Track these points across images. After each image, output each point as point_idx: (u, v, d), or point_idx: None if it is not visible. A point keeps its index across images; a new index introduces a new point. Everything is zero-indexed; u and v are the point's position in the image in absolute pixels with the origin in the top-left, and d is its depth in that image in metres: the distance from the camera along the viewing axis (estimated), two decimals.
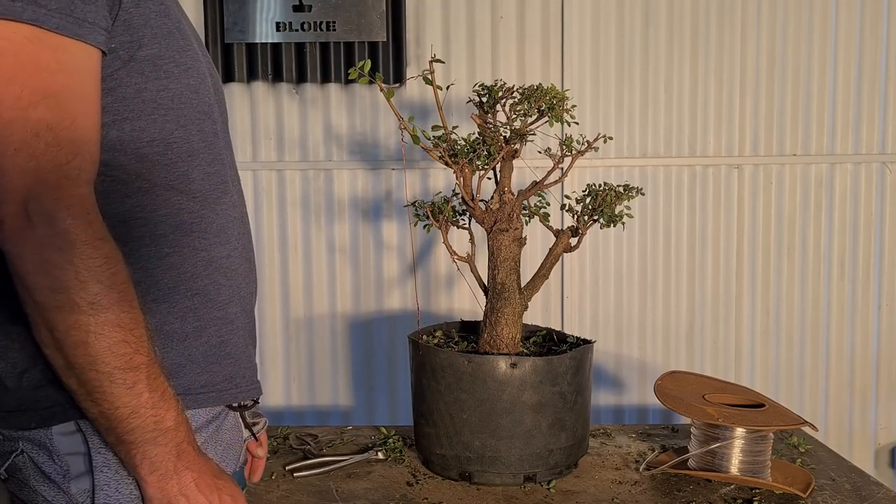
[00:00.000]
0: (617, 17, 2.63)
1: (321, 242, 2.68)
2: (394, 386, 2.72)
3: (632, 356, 2.74)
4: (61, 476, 0.89)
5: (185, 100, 0.95)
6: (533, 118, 1.58)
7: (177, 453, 0.88)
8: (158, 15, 0.92)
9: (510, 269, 1.59)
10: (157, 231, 0.92)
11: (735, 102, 2.67)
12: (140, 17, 0.89)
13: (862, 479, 1.57)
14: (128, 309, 0.83)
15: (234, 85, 2.57)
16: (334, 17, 2.54)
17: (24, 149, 0.78)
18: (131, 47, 0.89)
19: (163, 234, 0.92)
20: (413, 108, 2.57)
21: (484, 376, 1.51)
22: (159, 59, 0.91)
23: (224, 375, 0.99)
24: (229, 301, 1.00)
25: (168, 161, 0.93)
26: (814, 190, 2.71)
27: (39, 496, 0.91)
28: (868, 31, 2.66)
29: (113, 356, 0.82)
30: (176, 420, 0.87)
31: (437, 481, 1.58)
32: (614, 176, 2.65)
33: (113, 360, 0.82)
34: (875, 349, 2.76)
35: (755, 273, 2.73)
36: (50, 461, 0.89)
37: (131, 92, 0.90)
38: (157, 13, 0.92)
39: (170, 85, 0.93)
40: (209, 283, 0.97)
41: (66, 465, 0.89)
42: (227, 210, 1.01)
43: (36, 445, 0.89)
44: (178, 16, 0.98)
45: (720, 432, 1.53)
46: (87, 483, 0.89)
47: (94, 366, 0.81)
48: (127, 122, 0.90)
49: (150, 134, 0.91)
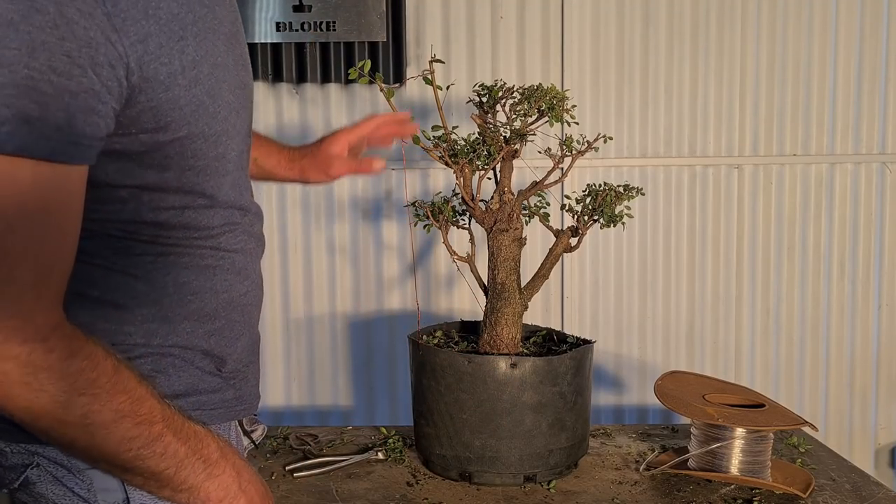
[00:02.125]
0: (617, 17, 2.63)
1: (321, 242, 2.68)
2: (394, 386, 2.72)
3: (632, 356, 2.74)
4: (86, 490, 0.87)
5: (211, 171, 0.89)
6: (533, 118, 1.58)
7: (237, 473, 0.87)
8: (190, 86, 0.81)
9: (510, 269, 1.59)
10: (180, 279, 0.90)
11: (735, 102, 2.67)
12: (170, 100, 0.79)
13: (862, 479, 1.57)
14: (122, 395, 0.77)
15: None
16: (334, 17, 2.54)
17: None
18: (155, 133, 0.80)
19: (185, 281, 0.90)
20: (413, 108, 2.57)
21: (484, 376, 1.51)
22: (189, 138, 0.83)
23: (234, 395, 0.99)
24: (240, 335, 0.99)
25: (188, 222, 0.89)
26: (814, 190, 2.71)
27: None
28: (868, 31, 2.65)
29: (130, 441, 0.78)
30: (219, 447, 0.86)
31: (437, 481, 1.58)
32: (614, 176, 2.65)
33: (132, 444, 0.78)
34: (875, 349, 2.76)
35: (755, 273, 2.73)
36: (70, 475, 0.87)
37: (152, 175, 0.83)
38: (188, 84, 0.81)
39: (197, 164, 0.86)
40: (225, 322, 0.96)
41: (89, 480, 0.87)
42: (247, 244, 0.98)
43: (52, 461, 0.87)
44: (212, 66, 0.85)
45: (720, 432, 1.53)
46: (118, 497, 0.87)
47: (116, 457, 0.78)
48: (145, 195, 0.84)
49: (170, 202, 0.86)
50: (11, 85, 0.67)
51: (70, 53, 0.70)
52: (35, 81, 0.68)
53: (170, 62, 0.78)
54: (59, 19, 0.69)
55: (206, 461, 0.85)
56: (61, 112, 0.70)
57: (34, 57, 0.68)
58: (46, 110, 0.69)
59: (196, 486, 0.84)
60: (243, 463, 0.91)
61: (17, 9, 0.67)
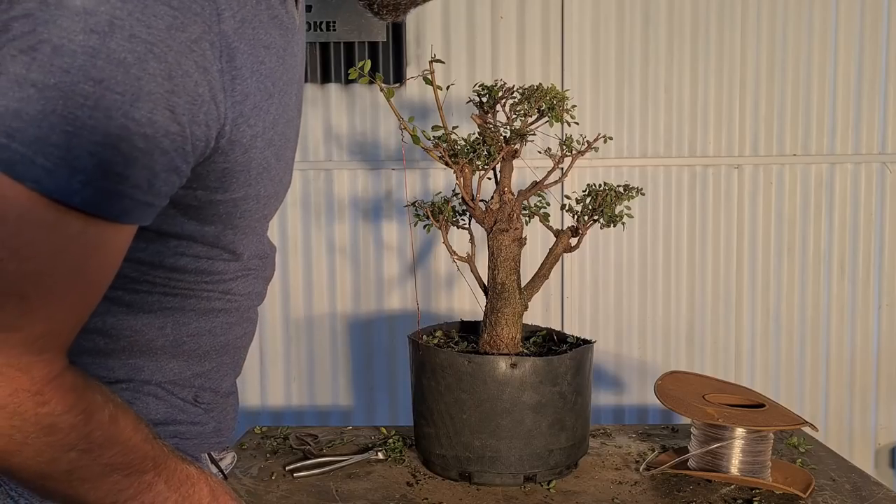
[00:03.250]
0: (617, 17, 2.63)
1: (321, 242, 2.68)
2: (394, 386, 2.72)
3: (632, 356, 2.74)
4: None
5: (250, 230, 0.84)
6: (533, 118, 1.57)
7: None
8: (264, 148, 0.75)
9: (510, 269, 1.59)
10: (181, 320, 0.84)
11: (735, 102, 2.67)
12: (244, 163, 0.73)
13: (862, 479, 1.57)
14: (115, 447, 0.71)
15: None
16: (334, 17, 2.54)
17: None
18: (215, 192, 0.75)
19: (186, 322, 0.85)
20: (413, 108, 2.56)
21: (484, 376, 1.51)
22: (242, 200, 0.77)
23: (213, 428, 0.95)
24: (227, 375, 0.95)
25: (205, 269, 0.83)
26: (814, 190, 2.71)
27: None
28: (868, 31, 2.65)
29: (120, 491, 0.73)
30: (211, 491, 0.82)
31: (437, 481, 1.58)
32: (614, 176, 2.65)
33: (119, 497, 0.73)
34: (875, 349, 2.76)
35: (755, 273, 2.73)
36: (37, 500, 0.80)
37: (191, 228, 0.77)
38: (263, 146, 0.75)
39: (241, 224, 0.81)
40: (215, 365, 0.91)
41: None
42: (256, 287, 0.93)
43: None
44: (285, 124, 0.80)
45: (720, 432, 1.53)
46: None
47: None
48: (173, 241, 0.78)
49: (196, 252, 0.80)
50: (103, 133, 0.60)
51: (174, 109, 0.63)
52: (130, 133, 0.61)
53: (255, 124, 0.73)
54: (176, 70, 0.62)
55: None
56: (146, 171, 0.64)
57: (136, 107, 0.61)
58: (132, 168, 0.62)
59: None
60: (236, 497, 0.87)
61: (133, 49, 0.60)
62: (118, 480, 0.73)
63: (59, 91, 0.59)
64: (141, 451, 0.74)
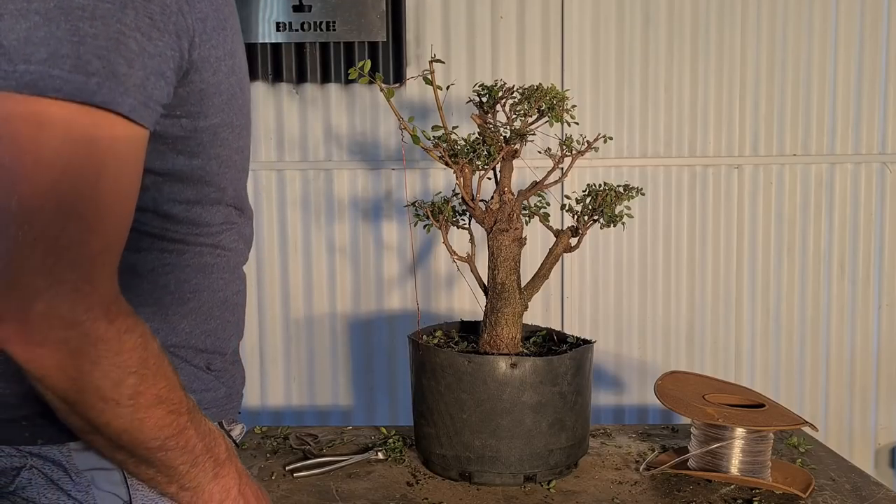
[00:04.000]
0: (617, 17, 2.63)
1: (321, 242, 2.68)
2: (394, 386, 2.72)
3: (632, 356, 2.74)
4: (83, 493, 0.85)
5: (230, 163, 0.91)
6: (533, 118, 1.58)
7: (238, 476, 0.88)
8: (229, 74, 0.84)
9: (510, 269, 1.59)
10: (181, 276, 0.89)
11: (735, 102, 2.67)
12: (214, 84, 0.82)
13: (862, 479, 1.57)
14: (164, 379, 0.77)
15: None
16: (334, 17, 2.54)
17: (43, 241, 0.67)
18: (197, 117, 0.82)
19: (186, 279, 0.90)
20: (413, 108, 2.57)
21: (484, 376, 1.51)
22: (220, 127, 0.85)
23: (225, 393, 0.99)
24: (232, 334, 1.00)
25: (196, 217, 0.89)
26: (814, 190, 2.71)
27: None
28: (868, 31, 2.65)
29: (160, 429, 0.77)
30: (228, 450, 0.87)
31: (437, 481, 1.58)
32: (614, 176, 2.65)
33: (161, 433, 0.77)
34: (875, 349, 2.76)
35: (755, 273, 2.73)
36: (67, 477, 0.84)
37: (181, 161, 0.84)
38: (228, 72, 0.84)
39: (222, 153, 0.88)
40: (219, 322, 0.96)
41: (87, 481, 0.85)
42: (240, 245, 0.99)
43: (48, 461, 0.84)
44: (241, 59, 0.90)
45: (720, 432, 1.53)
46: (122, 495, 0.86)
47: (145, 444, 0.77)
48: (167, 185, 0.84)
49: (186, 196, 0.86)
50: (105, 37, 0.69)
51: (152, 16, 0.72)
52: (124, 37, 0.70)
53: (217, 46, 0.81)
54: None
55: (215, 461, 0.84)
56: (141, 71, 0.72)
57: (125, 13, 0.70)
58: (131, 67, 0.71)
59: (202, 486, 0.84)
60: (243, 467, 0.91)
61: None
62: (163, 416, 0.77)
63: (59, 10, 0.68)
64: (180, 392, 0.79)
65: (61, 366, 0.70)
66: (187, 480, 0.83)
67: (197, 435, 0.81)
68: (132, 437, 0.76)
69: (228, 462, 0.87)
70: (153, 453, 0.78)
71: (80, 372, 0.70)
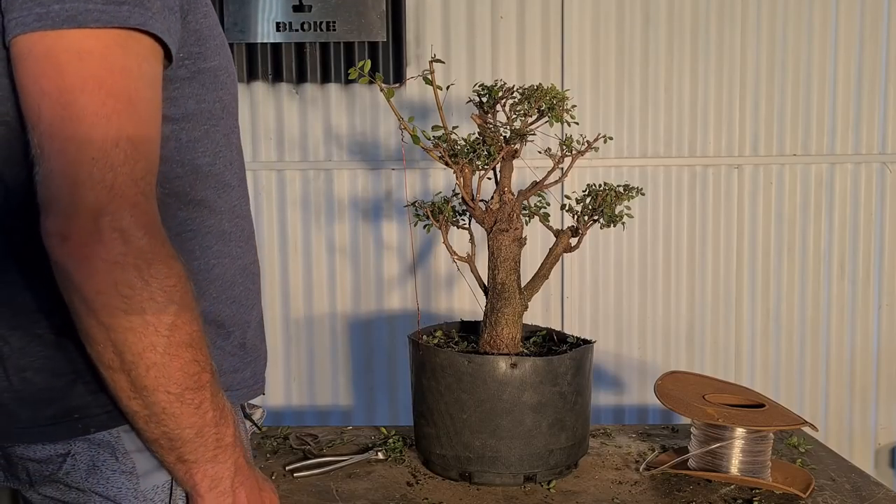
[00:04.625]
0: (617, 17, 2.63)
1: (321, 242, 2.68)
2: (394, 386, 2.72)
3: (632, 356, 2.74)
4: (127, 474, 0.86)
5: (231, 109, 0.95)
6: (533, 118, 1.57)
7: (234, 469, 0.87)
8: (214, 25, 0.91)
9: (510, 269, 1.59)
10: (204, 243, 0.91)
11: (735, 102, 2.67)
12: (207, 28, 0.88)
13: (862, 479, 1.57)
14: (197, 327, 0.80)
15: None
16: (334, 17, 2.54)
17: (102, 160, 0.74)
18: (198, 59, 0.87)
19: (209, 245, 0.92)
20: (413, 108, 2.57)
21: (484, 376, 1.51)
22: (218, 70, 0.90)
23: (251, 373, 1.00)
24: (254, 304, 1.01)
25: (215, 172, 0.92)
26: (814, 190, 2.71)
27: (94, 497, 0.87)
28: (868, 31, 2.66)
29: (184, 376, 0.79)
30: (234, 436, 0.86)
31: (437, 481, 1.58)
32: (614, 176, 2.65)
33: (184, 381, 0.79)
34: (875, 349, 2.76)
35: (755, 273, 2.73)
36: (113, 459, 0.86)
37: (192, 104, 0.88)
38: (215, 24, 0.91)
39: (223, 96, 0.92)
40: (242, 290, 0.97)
41: (132, 463, 0.86)
42: (248, 215, 1.02)
43: (95, 444, 0.86)
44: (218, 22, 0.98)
45: (720, 432, 1.53)
46: (160, 479, 0.87)
47: (166, 387, 0.79)
48: (184, 133, 0.88)
49: (204, 145, 0.90)
50: None
51: None
52: None
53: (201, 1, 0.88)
54: None
55: (218, 442, 0.84)
56: (159, 2, 0.78)
57: None
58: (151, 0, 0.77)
59: (198, 463, 0.84)
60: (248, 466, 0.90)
61: None
62: (189, 362, 0.79)
63: None
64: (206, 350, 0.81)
65: (117, 283, 0.74)
66: (187, 451, 0.83)
67: (211, 402, 0.82)
68: (157, 374, 0.78)
69: (231, 450, 0.86)
70: (170, 404, 0.79)
71: (133, 289, 0.74)
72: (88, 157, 0.73)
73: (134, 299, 0.75)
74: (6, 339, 0.85)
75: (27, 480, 0.89)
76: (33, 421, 0.85)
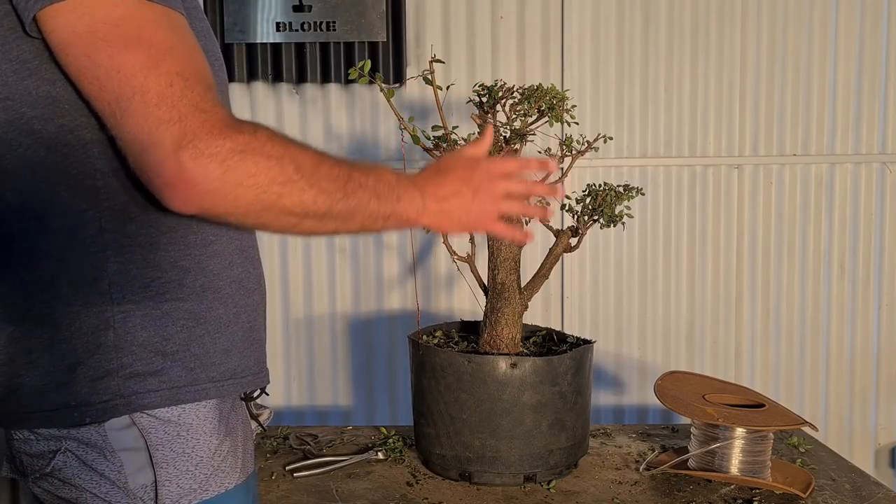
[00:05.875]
0: (617, 17, 2.63)
1: (321, 242, 2.67)
2: (394, 386, 2.72)
3: (632, 356, 2.74)
4: (116, 472, 0.89)
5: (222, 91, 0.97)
6: (533, 118, 1.58)
7: (420, 193, 1.00)
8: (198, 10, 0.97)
9: (510, 269, 1.59)
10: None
11: (735, 102, 2.67)
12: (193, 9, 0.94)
13: (862, 479, 1.57)
14: (300, 147, 0.91)
15: (234, 85, 2.57)
16: (334, 17, 2.54)
17: (163, 101, 0.80)
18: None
19: (207, 222, 0.93)
20: (413, 108, 2.56)
21: (484, 376, 1.51)
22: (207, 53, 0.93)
23: (255, 359, 1.01)
24: (255, 288, 1.03)
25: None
26: (814, 190, 2.71)
27: (87, 493, 0.89)
28: (868, 31, 2.65)
29: (334, 180, 0.90)
30: (393, 172, 0.98)
31: (437, 481, 1.58)
32: (614, 176, 2.65)
33: (335, 183, 0.90)
34: (875, 349, 2.76)
35: (755, 273, 2.73)
36: (101, 458, 0.88)
37: None
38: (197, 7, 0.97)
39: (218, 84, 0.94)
40: (242, 270, 0.99)
41: (119, 462, 0.88)
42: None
43: (83, 443, 0.88)
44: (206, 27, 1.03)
45: (720, 432, 1.53)
46: (148, 478, 0.89)
47: (333, 197, 0.90)
48: None
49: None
50: None
51: None
52: None
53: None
54: None
55: (389, 187, 0.95)
56: None
57: None
58: None
59: (395, 212, 0.96)
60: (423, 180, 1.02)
61: None
62: (329, 168, 0.93)
63: None
64: (316, 153, 0.94)
65: (235, 183, 0.82)
66: (382, 212, 0.94)
67: (363, 174, 0.93)
68: (320, 200, 0.88)
69: (404, 182, 0.98)
70: (340, 202, 0.90)
71: (254, 176, 0.83)
72: (152, 105, 0.80)
73: (260, 181, 0.83)
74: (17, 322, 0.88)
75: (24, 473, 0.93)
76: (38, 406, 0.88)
